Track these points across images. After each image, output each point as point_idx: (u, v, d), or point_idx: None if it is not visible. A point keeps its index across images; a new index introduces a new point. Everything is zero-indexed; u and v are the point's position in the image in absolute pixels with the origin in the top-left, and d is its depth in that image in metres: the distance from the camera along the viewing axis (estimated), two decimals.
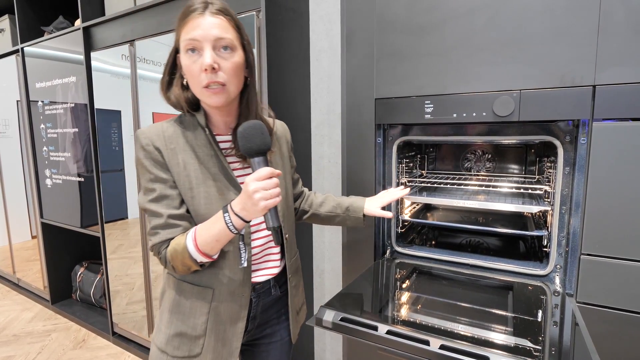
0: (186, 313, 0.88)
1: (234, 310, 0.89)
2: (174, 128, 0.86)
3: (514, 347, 0.76)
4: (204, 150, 0.86)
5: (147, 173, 0.83)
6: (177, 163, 0.83)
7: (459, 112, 1.07)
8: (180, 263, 0.81)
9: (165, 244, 0.83)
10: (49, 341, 2.38)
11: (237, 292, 0.89)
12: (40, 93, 2.52)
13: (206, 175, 0.85)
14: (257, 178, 0.73)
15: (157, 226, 0.83)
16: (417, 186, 1.45)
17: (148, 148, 0.82)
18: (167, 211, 0.82)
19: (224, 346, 0.90)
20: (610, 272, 0.94)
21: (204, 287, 0.88)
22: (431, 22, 1.07)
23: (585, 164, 0.95)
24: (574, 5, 0.91)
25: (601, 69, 0.90)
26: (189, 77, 0.82)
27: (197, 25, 0.78)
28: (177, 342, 0.89)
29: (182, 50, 0.80)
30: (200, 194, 0.84)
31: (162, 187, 0.83)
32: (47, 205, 2.66)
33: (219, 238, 0.79)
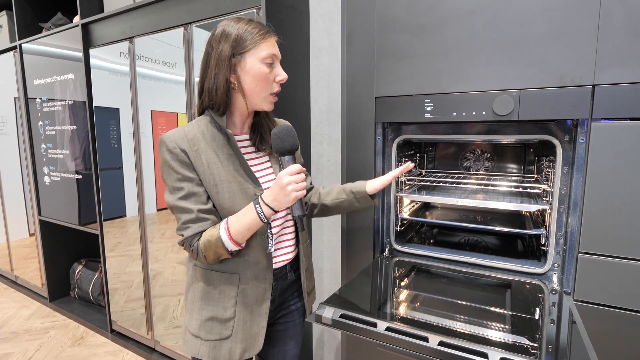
0: (216, 298, 0.98)
1: (259, 292, 0.99)
2: (195, 131, 0.94)
3: (512, 344, 0.77)
4: (224, 150, 0.95)
5: (174, 173, 0.91)
6: (202, 163, 0.92)
7: (459, 111, 1.07)
8: (213, 252, 0.91)
9: (197, 237, 0.92)
10: (47, 338, 2.38)
11: (261, 275, 0.98)
12: (38, 90, 2.51)
13: (228, 172, 0.94)
14: (290, 173, 0.85)
15: (188, 221, 0.91)
16: (416, 185, 1.46)
17: (175, 150, 0.90)
18: (196, 206, 0.91)
19: (252, 326, 0.99)
20: (607, 271, 0.95)
21: (231, 274, 0.97)
22: (431, 22, 1.08)
23: (584, 163, 0.96)
24: (574, 6, 0.92)
25: (600, 69, 0.91)
26: (259, 83, 0.92)
27: (274, 44, 0.95)
28: (209, 326, 0.98)
29: (259, 59, 0.91)
30: (224, 189, 0.93)
31: (190, 185, 0.91)
32: (46, 203, 2.66)
33: (250, 227, 0.89)
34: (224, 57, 0.90)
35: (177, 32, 1.70)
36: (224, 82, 0.91)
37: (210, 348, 0.98)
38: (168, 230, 2.02)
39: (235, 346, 0.98)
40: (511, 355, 0.71)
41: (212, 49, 0.92)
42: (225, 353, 0.98)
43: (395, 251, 1.29)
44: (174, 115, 1.87)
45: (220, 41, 0.91)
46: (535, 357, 0.72)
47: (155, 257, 2.06)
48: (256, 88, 0.93)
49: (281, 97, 1.56)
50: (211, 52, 0.92)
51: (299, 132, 1.69)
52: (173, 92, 1.83)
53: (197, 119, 0.98)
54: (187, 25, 1.65)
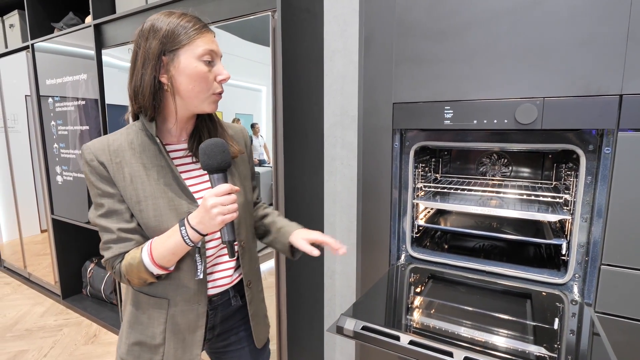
0: (144, 323, 0.89)
1: (191, 319, 0.90)
2: (121, 141, 0.84)
3: (537, 356, 0.76)
4: (154, 161, 0.85)
5: (94, 188, 0.83)
6: (123, 177, 0.82)
7: (480, 119, 1.06)
8: (136, 276, 0.82)
9: (118, 258, 0.84)
10: (61, 336, 2.42)
11: (192, 300, 0.89)
12: (50, 90, 2.53)
13: (155, 187, 0.84)
14: (216, 194, 0.75)
15: (109, 241, 0.83)
16: (432, 191, 1.44)
17: (92, 163, 0.82)
18: (117, 225, 0.82)
19: (184, 354, 0.91)
20: (631, 283, 0.93)
21: (159, 298, 0.88)
22: (453, 27, 1.06)
23: (609, 173, 0.94)
24: (602, 12, 0.89)
25: (629, 78, 0.89)
26: (199, 83, 0.81)
27: (211, 40, 0.83)
28: (137, 351, 0.90)
29: (195, 56, 0.80)
30: (149, 207, 0.83)
31: (111, 201, 0.82)
32: (58, 202, 2.68)
33: (175, 251, 0.80)
34: (152, 55, 0.78)
35: None
36: (151, 82, 0.79)
37: None
38: None
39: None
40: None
41: (139, 47, 0.81)
42: None
43: (411, 258, 1.28)
44: None
45: (148, 37, 0.79)
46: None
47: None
48: (194, 89, 0.81)
49: (296, 99, 1.57)
50: (138, 51, 0.81)
51: (312, 134, 1.68)
52: None
53: (127, 125, 0.89)
54: None
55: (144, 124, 0.84)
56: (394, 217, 1.27)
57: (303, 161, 1.63)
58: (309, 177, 1.69)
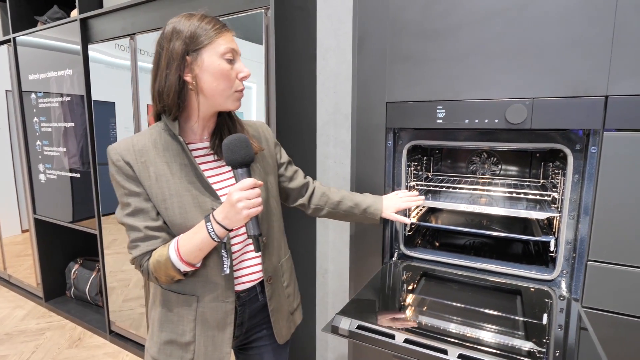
0: (174, 321, 0.91)
1: (220, 316, 0.91)
2: (145, 141, 0.87)
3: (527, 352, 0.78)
4: (177, 160, 0.87)
5: (120, 188, 0.85)
6: (149, 176, 0.85)
7: (471, 118, 1.08)
8: (163, 274, 0.84)
9: (146, 256, 0.85)
10: (44, 340, 2.35)
11: (220, 296, 0.90)
12: (33, 85, 2.45)
13: (179, 185, 0.86)
14: (240, 188, 0.78)
15: (137, 239, 0.84)
16: (423, 189, 1.46)
17: (119, 163, 0.84)
18: (144, 224, 0.84)
19: (215, 351, 0.92)
20: (616, 279, 0.96)
21: (188, 295, 0.90)
22: (446, 27, 1.07)
23: (595, 172, 0.97)
24: (590, 16, 0.92)
25: (614, 80, 0.92)
26: (222, 81, 0.84)
27: (232, 39, 0.87)
28: (168, 349, 0.91)
29: (217, 54, 0.83)
30: (174, 204, 0.85)
31: (137, 200, 0.84)
32: (41, 201, 2.61)
33: (201, 247, 0.81)
34: (176, 55, 0.81)
35: None
36: (175, 82, 0.82)
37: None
38: None
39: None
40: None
41: (162, 49, 0.83)
42: None
43: (404, 256, 1.29)
44: None
45: (171, 39, 0.82)
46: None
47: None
48: (218, 87, 0.84)
49: (289, 97, 1.56)
50: (161, 52, 0.83)
51: (305, 132, 1.68)
52: None
53: (150, 126, 0.92)
54: None
55: (166, 124, 0.87)
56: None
57: (296, 159, 1.62)
58: None
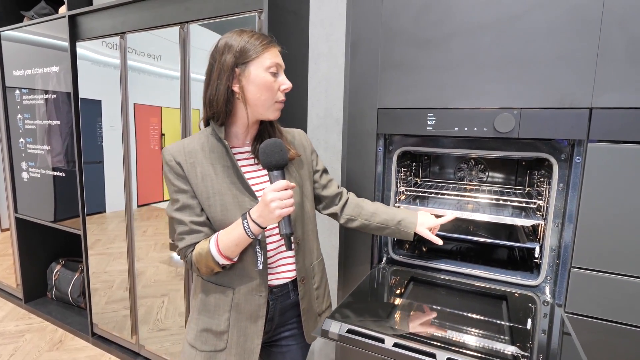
0: (211, 310, 0.99)
1: (253, 309, 0.97)
2: (194, 144, 0.96)
3: (511, 356, 0.80)
4: (221, 162, 0.95)
5: (171, 185, 0.94)
6: (196, 175, 0.93)
7: (461, 126, 1.10)
8: (204, 265, 0.92)
9: (190, 248, 0.94)
10: (23, 342, 2.28)
11: (255, 290, 0.97)
12: (17, 81, 2.39)
13: (222, 185, 0.94)
14: (274, 189, 0.84)
15: (183, 232, 0.94)
16: (412, 195, 1.48)
17: (171, 163, 0.94)
18: (189, 218, 0.93)
19: (246, 342, 0.98)
20: (598, 285, 0.99)
21: (225, 287, 0.98)
22: (438, 37, 1.09)
23: (579, 181, 1.00)
24: (576, 31, 0.95)
25: (598, 93, 0.95)
26: (264, 92, 0.92)
27: (277, 54, 0.95)
28: (204, 337, 0.99)
29: (263, 68, 0.91)
30: (217, 202, 0.93)
31: (185, 197, 0.93)
32: (23, 200, 2.54)
33: (238, 242, 0.89)
34: (226, 67, 0.90)
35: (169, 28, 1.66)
36: (225, 91, 0.91)
37: (205, 359, 0.98)
38: (150, 227, 1.97)
39: (229, 359, 0.98)
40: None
41: (215, 61, 0.92)
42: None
43: (392, 261, 1.31)
44: (157, 109, 1.83)
45: (223, 53, 0.91)
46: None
47: (137, 255, 2.01)
48: (261, 97, 0.93)
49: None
50: (214, 64, 0.93)
51: None
52: (157, 86, 1.78)
53: (200, 131, 1.01)
54: (183, 24, 1.61)
55: (214, 129, 0.95)
56: None
57: None
58: None
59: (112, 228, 2.10)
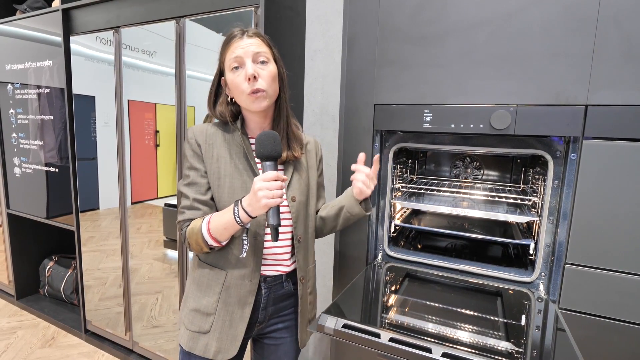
0: (202, 291, 1.01)
1: (243, 294, 0.99)
2: (216, 128, 1.02)
3: (506, 351, 0.80)
4: (236, 149, 1.00)
5: (187, 161, 1.00)
6: (212, 156, 0.98)
7: (457, 123, 1.10)
8: (194, 241, 0.94)
9: (187, 223, 0.97)
10: (15, 339, 2.26)
11: (246, 276, 0.99)
12: (9, 75, 2.36)
13: (234, 169, 0.98)
14: (263, 179, 0.85)
15: (184, 206, 0.98)
16: (408, 191, 1.48)
17: (191, 141, 0.99)
18: (194, 195, 0.97)
19: (230, 327, 0.99)
20: (592, 281, 1.00)
21: (219, 269, 1.00)
22: (434, 34, 1.09)
23: (574, 178, 1.00)
24: (572, 29, 0.95)
25: (594, 90, 0.95)
26: (234, 90, 0.96)
27: (238, 46, 0.94)
28: (192, 316, 1.01)
29: (228, 69, 0.96)
30: (226, 184, 0.97)
31: (195, 174, 0.98)
32: (15, 195, 2.51)
33: (226, 227, 0.90)
34: (214, 78, 1.02)
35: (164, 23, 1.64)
36: (225, 97, 1.02)
37: (189, 338, 1.01)
38: (144, 225, 1.96)
39: (211, 343, 0.99)
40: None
41: None
42: (201, 347, 0.99)
43: (388, 257, 1.31)
44: (152, 106, 1.81)
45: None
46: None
47: (131, 252, 2.00)
48: (235, 95, 0.98)
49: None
50: None
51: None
52: (152, 82, 1.76)
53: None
54: (179, 19, 1.60)
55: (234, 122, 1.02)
56: (371, 217, 1.28)
57: None
58: None
59: (106, 225, 2.08)
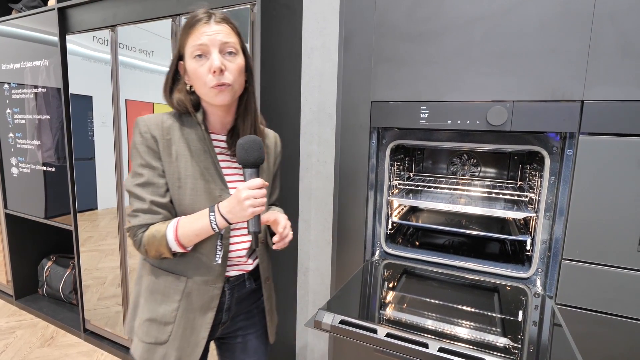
0: (158, 300, 0.93)
1: (206, 300, 0.93)
2: (172, 121, 0.91)
3: (503, 347, 0.80)
4: (198, 146, 0.91)
5: (139, 158, 0.88)
6: (170, 153, 0.88)
7: (454, 119, 1.10)
8: (154, 249, 0.87)
9: (143, 228, 0.88)
10: (14, 339, 2.26)
11: (210, 281, 0.93)
12: (6, 75, 2.35)
13: (196, 168, 0.90)
14: (249, 187, 0.81)
15: (139, 210, 0.88)
16: (405, 188, 1.48)
17: (145, 135, 0.87)
18: (150, 197, 0.87)
19: (192, 334, 0.93)
20: (588, 277, 1.00)
21: (178, 275, 0.92)
22: (431, 31, 1.09)
23: (570, 174, 1.00)
24: (568, 24, 0.95)
25: (590, 86, 0.95)
26: (195, 80, 0.87)
27: (203, 32, 0.84)
28: (147, 327, 0.93)
29: (189, 56, 0.86)
30: (187, 184, 0.89)
31: (151, 174, 0.88)
32: (13, 196, 2.50)
33: (199, 233, 0.85)
34: (173, 61, 0.91)
35: (161, 21, 1.63)
36: (183, 83, 0.91)
37: (144, 350, 0.93)
38: None
39: (170, 353, 0.92)
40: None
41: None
42: (159, 358, 0.92)
43: (385, 254, 1.31)
44: (149, 105, 1.81)
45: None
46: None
47: (129, 252, 2.00)
48: (195, 86, 0.88)
49: (273, 95, 1.55)
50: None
51: (289, 130, 1.68)
52: (149, 81, 1.76)
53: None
54: (175, 17, 1.59)
55: (193, 114, 0.91)
56: (369, 214, 1.29)
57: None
58: (285, 174, 1.68)
59: (104, 225, 2.08)
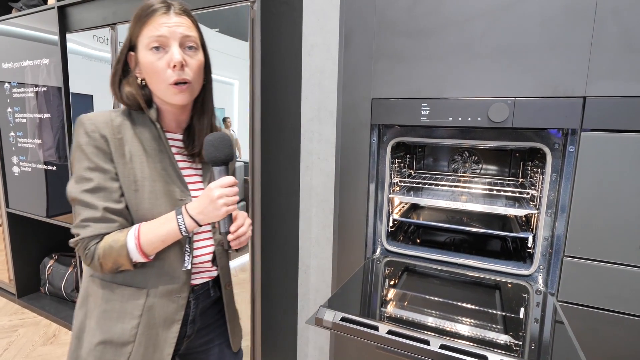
0: (114, 318, 0.82)
1: (170, 312, 0.85)
2: (122, 118, 0.83)
3: (506, 345, 0.80)
4: (153, 145, 0.84)
5: (85, 161, 0.78)
6: (123, 154, 0.80)
7: (455, 116, 1.09)
8: (111, 261, 0.78)
9: (96, 239, 0.78)
10: (17, 337, 2.27)
11: (174, 291, 0.85)
12: (6, 74, 2.35)
13: (152, 169, 0.82)
14: (222, 185, 0.78)
15: (89, 219, 0.78)
16: (406, 186, 1.48)
17: (93, 135, 0.78)
18: (104, 204, 0.78)
19: (155, 352, 0.84)
20: (590, 274, 1.00)
21: (137, 288, 0.83)
22: (431, 27, 1.08)
23: (572, 171, 1.00)
24: (570, 20, 0.95)
25: (592, 81, 0.95)
26: (151, 74, 0.80)
27: (162, 23, 0.77)
28: (100, 351, 0.81)
29: (144, 47, 0.79)
30: (145, 188, 0.81)
31: (102, 177, 0.78)
32: (14, 194, 2.51)
33: (165, 239, 0.79)
34: (122, 50, 0.82)
35: None
36: (134, 77, 0.83)
37: None
38: None
39: None
40: (510, 357, 0.73)
41: None
42: None
43: (386, 251, 1.31)
44: None
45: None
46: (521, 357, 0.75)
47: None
48: (150, 82, 0.81)
49: (273, 93, 1.55)
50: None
51: (289, 128, 1.67)
52: None
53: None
54: None
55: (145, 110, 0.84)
56: (370, 212, 1.28)
57: (279, 156, 1.61)
58: (285, 172, 1.68)
59: None
